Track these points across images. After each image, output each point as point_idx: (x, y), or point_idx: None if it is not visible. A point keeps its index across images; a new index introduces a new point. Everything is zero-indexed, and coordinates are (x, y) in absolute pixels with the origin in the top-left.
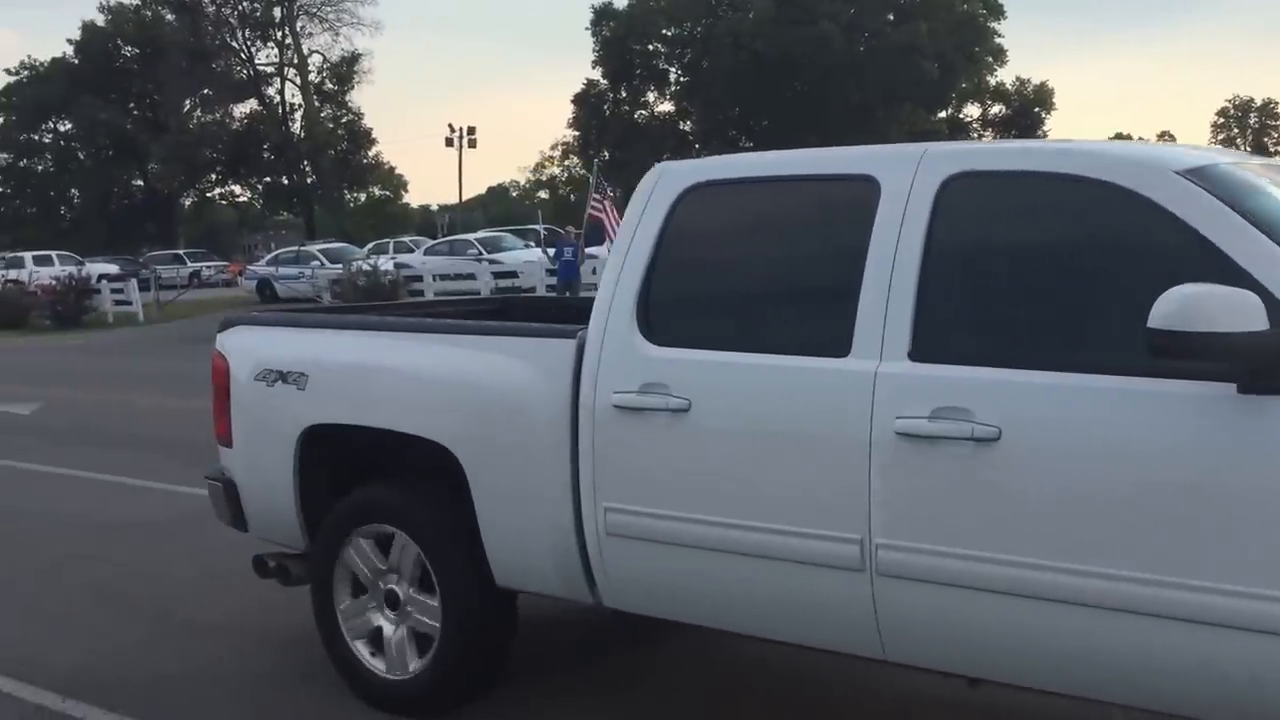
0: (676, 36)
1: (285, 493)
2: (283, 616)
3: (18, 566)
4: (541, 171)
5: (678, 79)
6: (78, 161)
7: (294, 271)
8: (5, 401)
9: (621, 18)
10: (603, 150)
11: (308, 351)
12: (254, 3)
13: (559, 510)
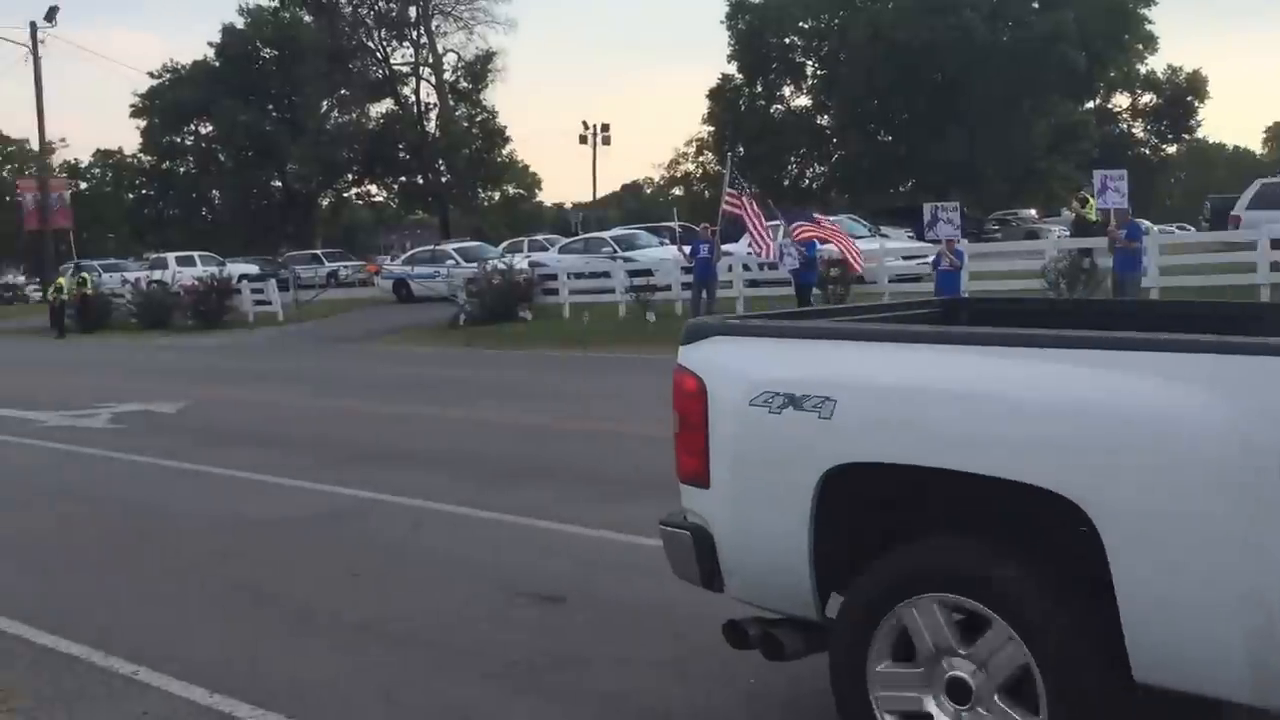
0: (813, 29)
1: (792, 547)
2: (426, 617)
3: (163, 563)
4: (676, 168)
5: (814, 72)
6: (218, 163)
7: (429, 271)
8: (151, 400)
9: (757, 11)
10: (738, 145)
11: (834, 369)
12: (390, 3)
13: (1248, 579)
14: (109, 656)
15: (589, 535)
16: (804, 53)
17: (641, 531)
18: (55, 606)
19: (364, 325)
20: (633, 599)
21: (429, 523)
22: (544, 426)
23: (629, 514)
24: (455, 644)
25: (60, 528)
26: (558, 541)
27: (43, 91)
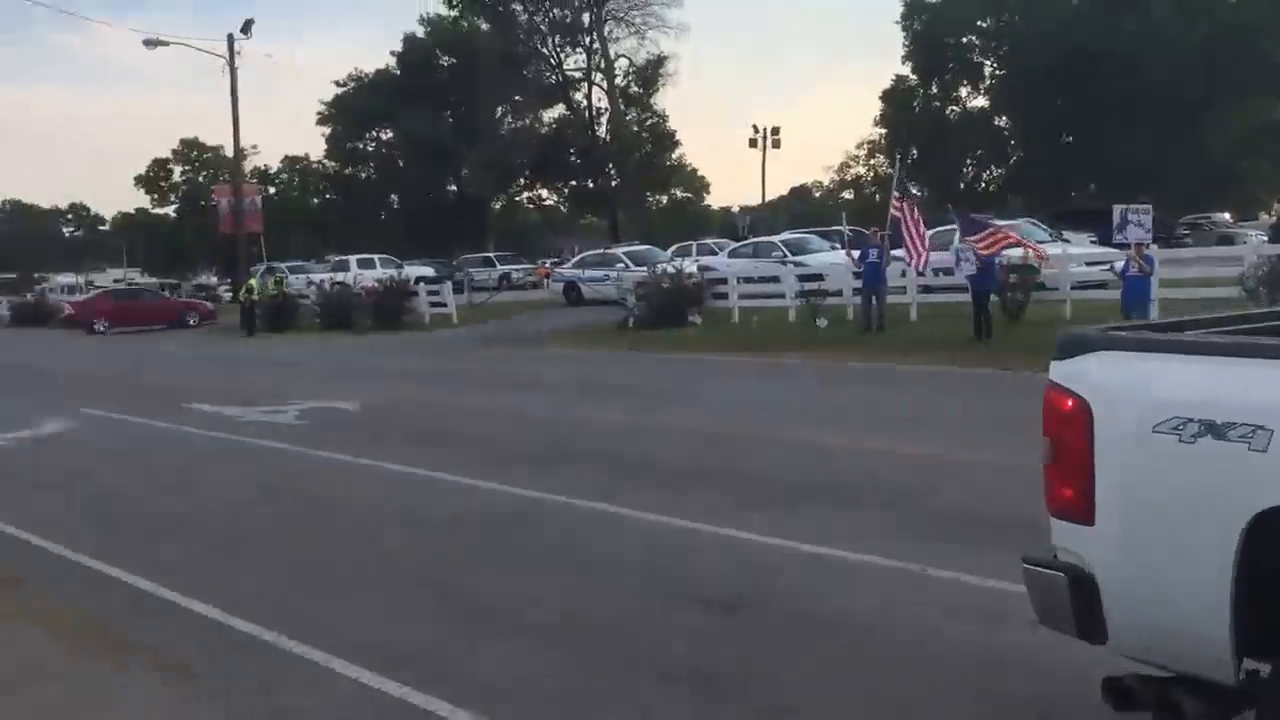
0: (993, 28)
1: (1207, 600)
2: (605, 619)
3: (348, 556)
4: (846, 171)
5: (993, 73)
6: (397, 168)
7: (600, 274)
8: (335, 398)
9: (934, 11)
10: (911, 148)
11: (1269, 392)
12: (564, 10)
13: None
14: (302, 645)
15: (763, 542)
16: (982, 52)
17: (814, 540)
18: (250, 594)
19: (535, 327)
20: (808, 610)
21: (603, 524)
22: (717, 431)
23: (803, 523)
24: (632, 648)
25: (251, 518)
26: (732, 547)
27: (238, 101)
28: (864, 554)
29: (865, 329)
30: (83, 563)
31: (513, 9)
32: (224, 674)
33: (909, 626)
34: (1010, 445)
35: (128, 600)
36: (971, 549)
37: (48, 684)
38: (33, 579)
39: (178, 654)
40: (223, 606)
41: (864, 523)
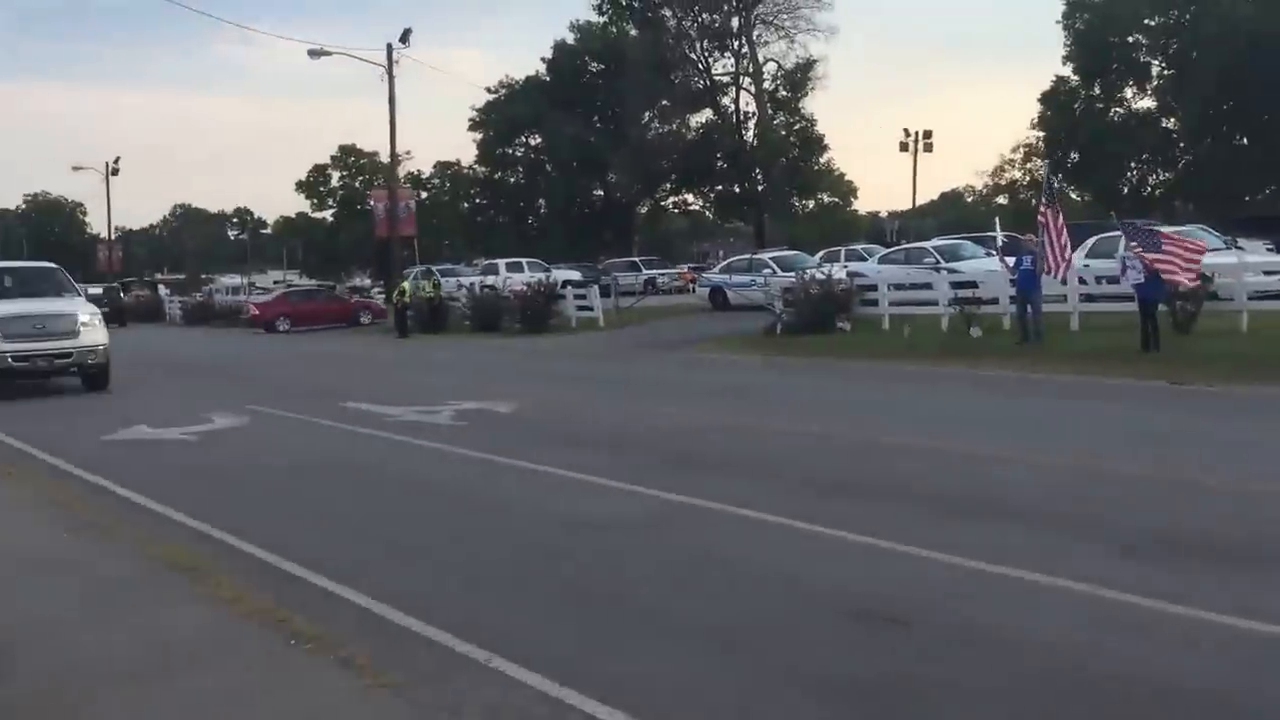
0: (1160, 26)
1: None
2: (764, 628)
3: (503, 556)
4: (1000, 175)
5: (1160, 72)
6: (545, 173)
7: (746, 279)
8: (487, 399)
9: (1098, 9)
10: (1070, 152)
11: None
12: (714, 15)
13: None
14: (465, 643)
15: (929, 557)
16: (1149, 51)
17: (985, 557)
18: (410, 590)
19: (681, 332)
20: (980, 628)
21: (757, 532)
22: (873, 440)
23: (970, 538)
24: (795, 658)
25: (410, 516)
26: (896, 561)
27: (395, 108)
28: (1041, 574)
29: (1022, 339)
30: (251, 552)
31: (662, 14)
32: (392, 666)
33: (1089, 652)
34: (1198, 463)
35: (297, 590)
36: (1163, 572)
37: (235, 661)
38: (208, 566)
39: (349, 644)
40: (383, 599)
41: (1043, 541)
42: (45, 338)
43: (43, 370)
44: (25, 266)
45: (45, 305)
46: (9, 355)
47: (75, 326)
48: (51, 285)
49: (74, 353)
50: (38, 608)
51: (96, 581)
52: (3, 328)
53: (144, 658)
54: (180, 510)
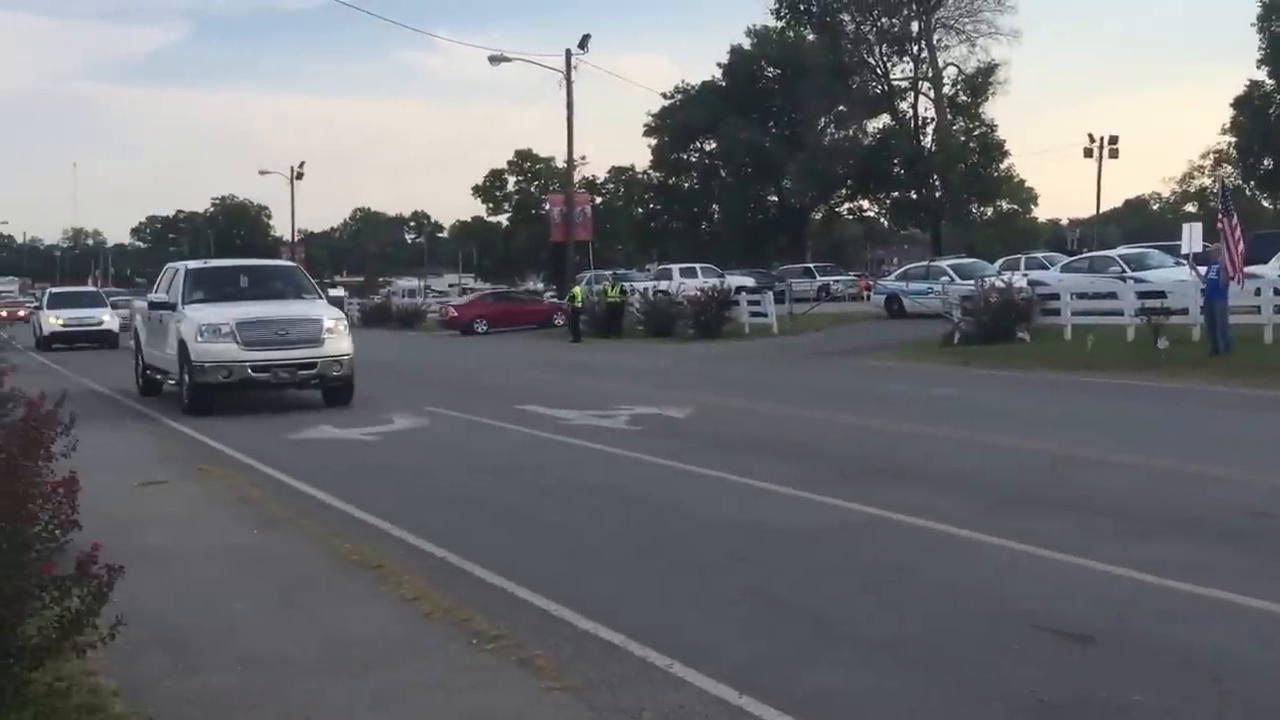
0: None
1: None
2: (945, 642)
3: (682, 562)
4: (1189, 183)
5: None
6: (719, 179)
7: (923, 287)
8: (662, 404)
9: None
10: (1264, 158)
11: None
12: (893, 19)
13: None
14: (644, 647)
15: (1113, 573)
16: None
17: (1171, 574)
18: (590, 593)
19: (856, 340)
20: (1169, 646)
21: (939, 544)
22: (1054, 453)
23: (1156, 554)
24: (979, 674)
25: (589, 520)
26: (1078, 576)
27: (573, 113)
28: (1237, 593)
29: (1213, 351)
30: (432, 551)
31: (840, 19)
32: (573, 670)
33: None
34: None
35: (477, 590)
36: None
37: (423, 659)
38: (390, 564)
39: (528, 645)
40: (567, 603)
41: (1235, 559)
42: (286, 345)
43: (283, 382)
44: (263, 265)
45: (285, 309)
46: (247, 365)
47: (319, 333)
48: (291, 286)
49: (318, 363)
50: (227, 602)
51: (285, 576)
52: (240, 334)
53: (326, 655)
54: (364, 509)
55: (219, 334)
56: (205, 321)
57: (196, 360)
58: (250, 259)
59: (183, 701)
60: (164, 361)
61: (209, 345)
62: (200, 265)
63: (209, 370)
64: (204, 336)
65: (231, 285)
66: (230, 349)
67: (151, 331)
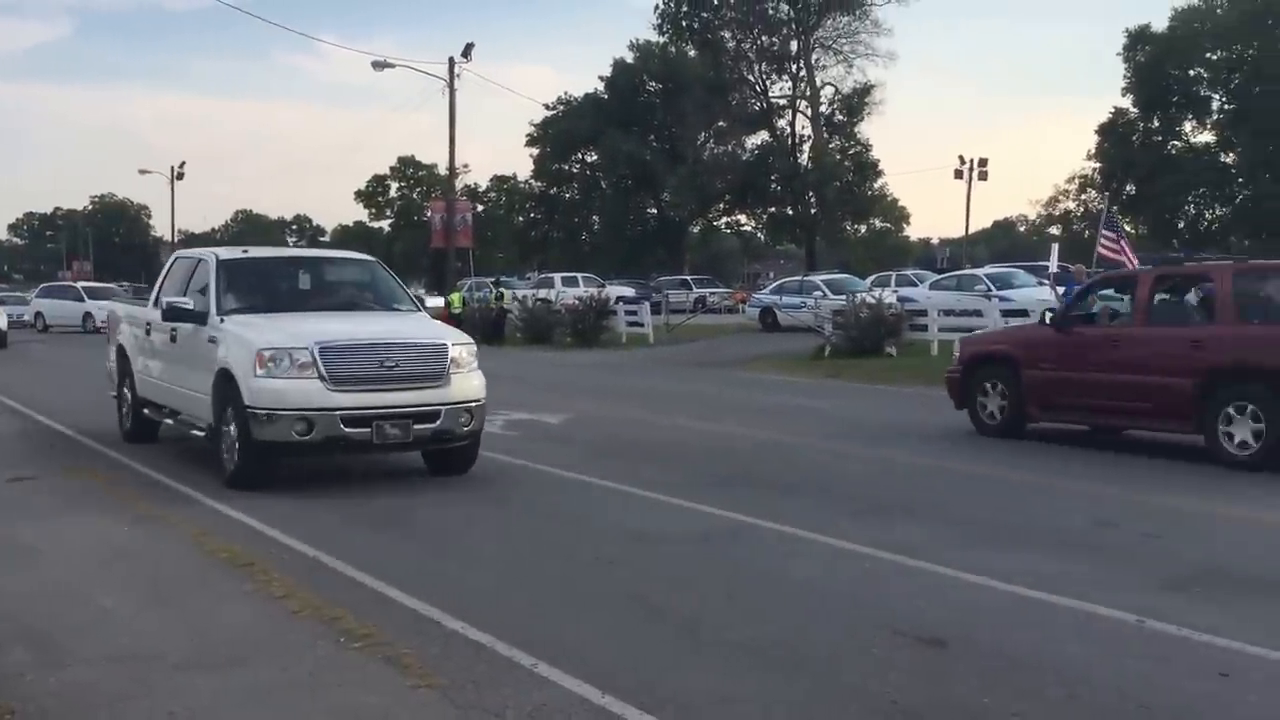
0: (1222, 60)
1: None
2: (805, 646)
3: (556, 566)
4: (1055, 206)
5: (1221, 106)
6: (600, 190)
7: (797, 301)
8: (538, 410)
9: (1160, 42)
10: (1127, 184)
11: None
12: (772, 38)
13: None
14: (511, 648)
15: (966, 580)
16: (1210, 85)
17: (1023, 582)
18: (458, 594)
19: (730, 351)
20: (1017, 651)
21: (801, 551)
22: (913, 464)
23: (1006, 562)
24: (836, 676)
25: (461, 523)
26: (933, 583)
27: (455, 121)
28: (1083, 601)
29: None
30: (304, 551)
31: (721, 36)
32: (439, 669)
33: (1127, 679)
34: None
35: (347, 589)
36: (1198, 603)
37: (290, 657)
38: (260, 562)
39: (396, 643)
40: (440, 605)
41: (1081, 568)
42: (396, 384)
43: (393, 443)
44: (329, 258)
45: (383, 324)
46: (338, 415)
47: (443, 366)
48: (373, 289)
49: (442, 412)
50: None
51: (154, 573)
52: (325, 364)
53: (194, 650)
54: (236, 508)
55: (292, 364)
56: (268, 344)
57: (256, 405)
58: (305, 249)
59: (46, 695)
60: (177, 398)
61: (276, 382)
62: (240, 255)
63: (277, 422)
64: (267, 368)
65: (287, 286)
66: (311, 388)
67: (153, 351)
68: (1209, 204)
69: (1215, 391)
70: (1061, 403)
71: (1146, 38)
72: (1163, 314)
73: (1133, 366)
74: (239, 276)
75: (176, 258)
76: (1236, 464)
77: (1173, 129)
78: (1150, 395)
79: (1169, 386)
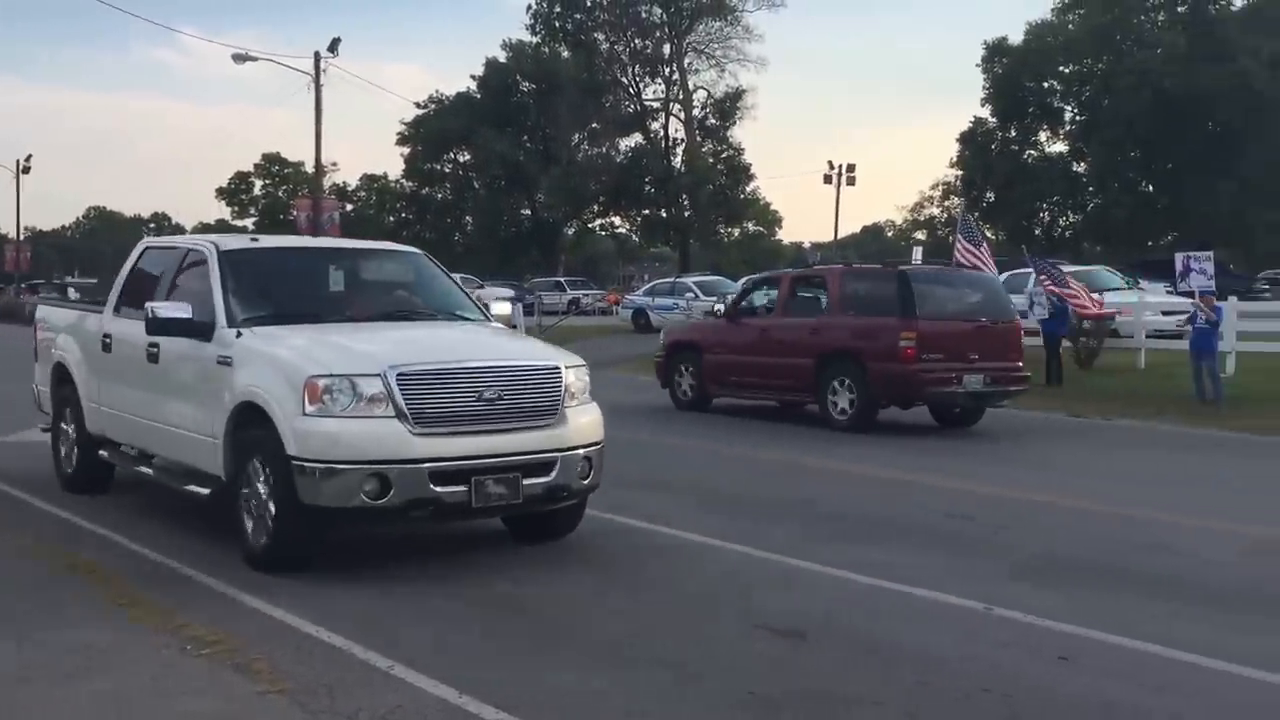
0: (1075, 73)
1: None
2: (668, 641)
3: (414, 570)
4: (920, 211)
5: (1073, 118)
6: (473, 190)
7: (669, 302)
8: None
9: (1016, 54)
10: (987, 191)
11: None
12: (646, 41)
13: None
14: (367, 651)
15: (830, 574)
16: (1063, 97)
17: (882, 575)
18: (313, 598)
19: (601, 352)
20: (875, 640)
21: (670, 549)
22: (781, 460)
23: (869, 556)
24: (697, 669)
25: None
26: (798, 577)
27: (321, 118)
28: (937, 591)
29: None
30: (147, 555)
31: (595, 38)
32: (291, 674)
33: (977, 664)
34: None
35: (195, 595)
36: (1038, 590)
37: (136, 665)
38: (103, 569)
39: (246, 650)
40: (290, 609)
41: (934, 559)
42: (499, 423)
43: (497, 505)
44: (367, 249)
45: (466, 340)
46: (426, 469)
47: (557, 397)
48: (425, 291)
49: (558, 461)
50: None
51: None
52: (406, 397)
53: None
54: (90, 520)
55: (358, 397)
56: (322, 368)
57: (306, 456)
58: (327, 239)
59: None
60: (158, 439)
61: (336, 423)
62: (249, 246)
63: (337, 479)
64: (322, 403)
65: (317, 288)
66: (386, 431)
67: (116, 373)
68: (1063, 211)
69: (826, 369)
70: (730, 381)
71: (1004, 50)
72: (797, 307)
73: (774, 350)
74: (252, 274)
75: (147, 249)
76: (839, 427)
77: (1028, 138)
78: (786, 374)
79: (797, 366)
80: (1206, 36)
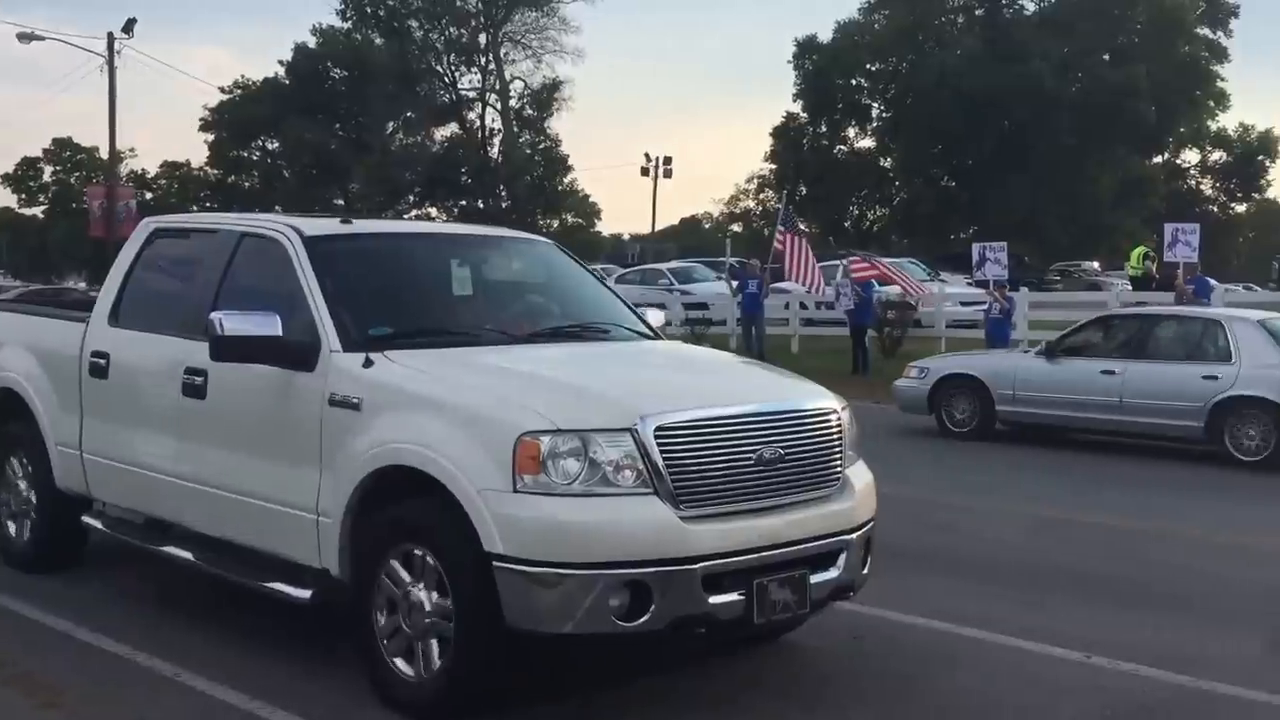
0: (880, 72)
1: None
2: None
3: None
4: (736, 204)
5: (879, 115)
6: (282, 179)
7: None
8: None
9: (825, 52)
10: (799, 184)
11: None
12: (460, 29)
13: None
14: (151, 658)
15: None
16: (869, 94)
17: None
18: (98, 606)
19: None
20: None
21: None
22: None
23: None
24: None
25: None
26: None
27: (115, 102)
28: None
29: None
30: None
31: (408, 25)
32: (71, 685)
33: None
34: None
35: None
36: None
37: None
38: None
39: (21, 662)
40: (70, 618)
41: None
42: (779, 494)
43: (782, 619)
44: (490, 236)
45: (714, 371)
46: (698, 568)
47: (838, 455)
48: (573, 297)
49: (847, 547)
50: None
51: None
52: (670, 464)
53: None
54: None
55: (600, 465)
56: (546, 419)
57: (519, 555)
58: (434, 223)
59: None
60: (211, 511)
61: (564, 504)
62: (341, 230)
63: (564, 588)
64: (544, 473)
65: (442, 295)
66: (648, 515)
67: (122, 410)
68: (871, 205)
69: None
70: None
71: (813, 47)
72: None
73: None
74: (360, 273)
75: (156, 232)
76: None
77: (838, 134)
78: None
79: None
80: (1003, 38)
